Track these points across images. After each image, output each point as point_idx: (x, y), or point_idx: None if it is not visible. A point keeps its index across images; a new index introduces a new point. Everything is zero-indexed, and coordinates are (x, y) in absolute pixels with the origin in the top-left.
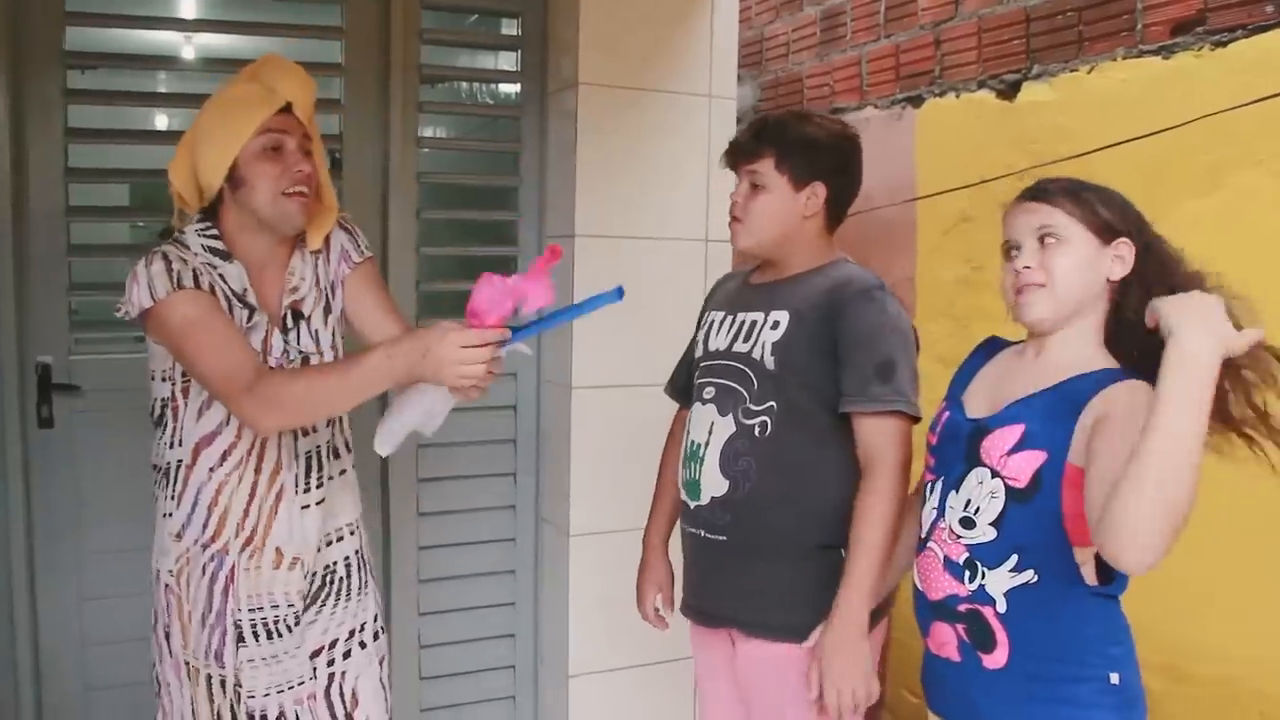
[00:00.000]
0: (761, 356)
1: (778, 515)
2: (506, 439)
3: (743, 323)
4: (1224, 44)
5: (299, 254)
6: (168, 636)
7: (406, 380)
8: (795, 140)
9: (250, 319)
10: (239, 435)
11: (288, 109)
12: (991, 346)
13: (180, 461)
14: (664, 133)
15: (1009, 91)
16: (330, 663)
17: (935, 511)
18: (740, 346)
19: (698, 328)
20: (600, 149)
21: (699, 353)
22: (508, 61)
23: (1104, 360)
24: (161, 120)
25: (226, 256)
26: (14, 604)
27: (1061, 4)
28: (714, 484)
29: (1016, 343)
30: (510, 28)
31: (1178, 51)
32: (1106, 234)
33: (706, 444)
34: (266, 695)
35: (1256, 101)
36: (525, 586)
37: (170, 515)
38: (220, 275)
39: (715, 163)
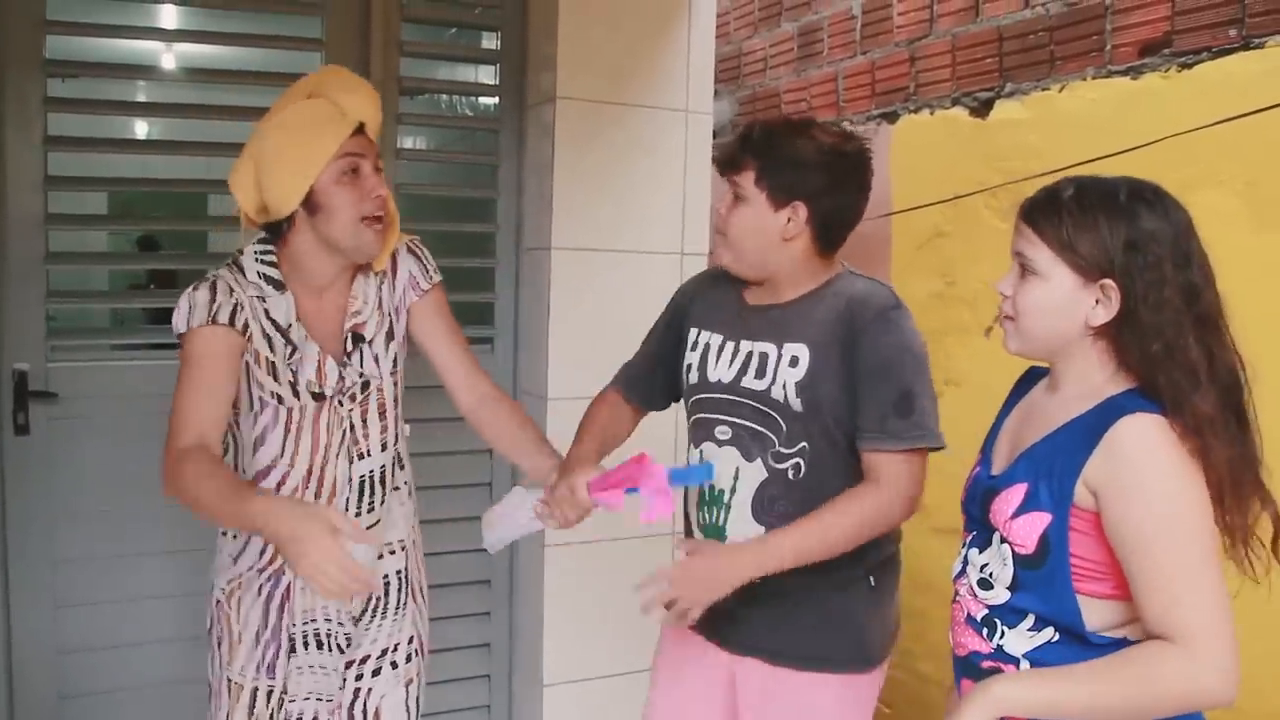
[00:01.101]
0: (785, 398)
1: None
2: (482, 449)
3: (749, 354)
4: (1190, 66)
5: (362, 276)
6: (219, 645)
7: (272, 541)
8: (779, 155)
9: (293, 354)
10: (293, 464)
11: (360, 129)
12: (1028, 381)
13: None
14: (641, 147)
15: (982, 109)
16: (359, 677)
17: (960, 567)
18: (755, 384)
19: (682, 341)
20: (578, 163)
21: (694, 379)
22: (487, 75)
23: (1114, 386)
24: (141, 129)
25: (280, 286)
26: None
27: (1033, 24)
28: (744, 530)
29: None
30: (490, 42)
31: (1146, 72)
32: (1089, 273)
33: (733, 490)
34: (306, 700)
35: (1221, 122)
36: (500, 596)
37: (232, 537)
38: (266, 307)
39: (692, 177)
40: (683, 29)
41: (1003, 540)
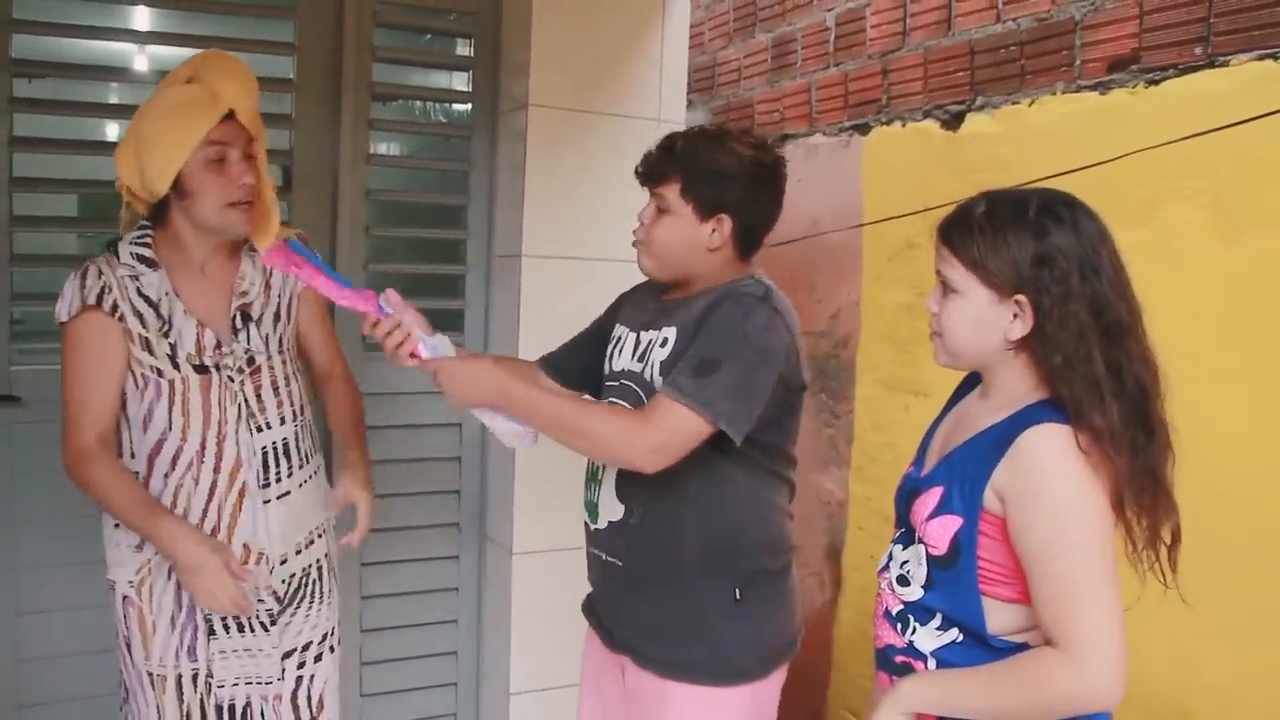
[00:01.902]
0: (651, 376)
1: (669, 543)
2: (451, 456)
3: (641, 342)
4: (1157, 82)
5: (249, 260)
6: (129, 648)
7: (168, 560)
8: (703, 168)
9: (168, 329)
10: (184, 438)
11: (230, 115)
12: (968, 385)
13: (136, 474)
14: (612, 155)
15: (953, 122)
16: (300, 665)
17: (884, 561)
18: (634, 366)
19: (606, 337)
20: (549, 170)
21: (604, 369)
22: (460, 81)
23: (1032, 398)
24: (111, 130)
25: (152, 264)
26: None
27: (1004, 38)
28: (610, 508)
29: None
30: (463, 48)
31: (1114, 88)
32: (1002, 289)
33: (604, 466)
34: (235, 685)
35: (1187, 138)
36: (468, 604)
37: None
38: (139, 285)
39: None
40: (656, 38)
41: (919, 540)
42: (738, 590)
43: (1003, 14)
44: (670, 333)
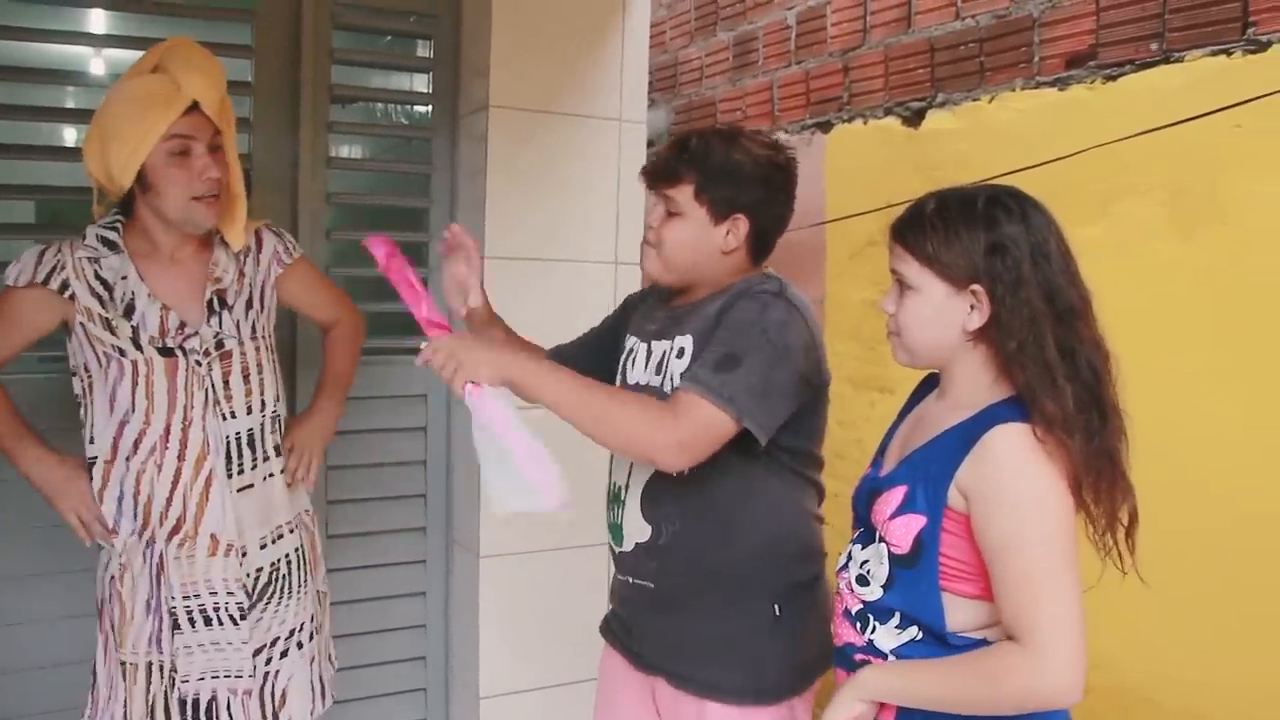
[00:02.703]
0: (671, 390)
1: (702, 562)
2: (417, 460)
3: (659, 354)
4: (1114, 78)
5: (223, 249)
6: (113, 628)
7: (38, 484)
8: (718, 168)
9: (127, 303)
10: (147, 422)
11: (194, 106)
12: (927, 386)
13: (99, 458)
14: (574, 156)
15: (914, 119)
16: (268, 660)
17: (844, 561)
18: (653, 380)
19: (618, 341)
20: (511, 171)
21: (618, 382)
22: (420, 83)
23: (998, 393)
24: (69, 135)
25: (114, 247)
26: None
27: (964, 35)
28: (637, 530)
29: None
30: (423, 50)
31: (1072, 84)
32: (958, 280)
33: (626, 487)
34: (201, 680)
35: (1143, 133)
36: (436, 608)
37: (106, 511)
38: (97, 268)
39: (625, 186)
40: (616, 38)
41: (881, 539)
42: (777, 607)
43: (962, 11)
44: (686, 341)
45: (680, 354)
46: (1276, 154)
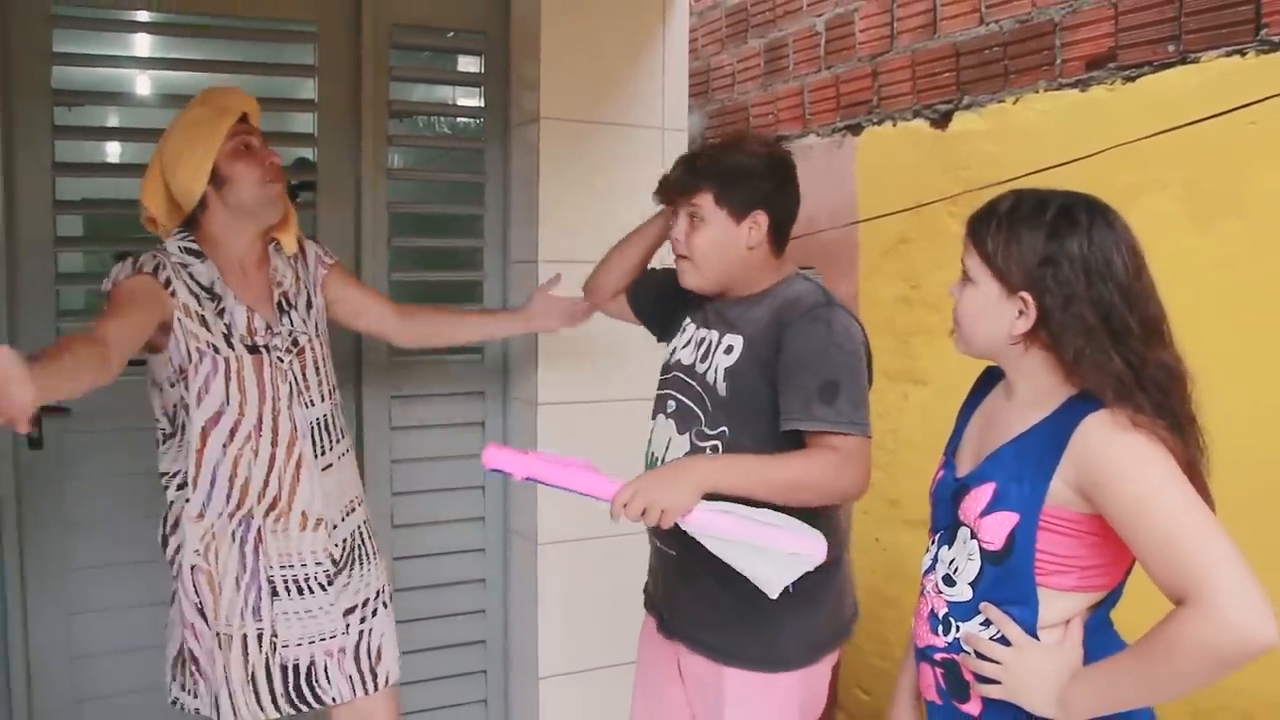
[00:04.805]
0: (714, 382)
1: None
2: (474, 454)
3: (703, 340)
4: (1133, 79)
5: (279, 256)
6: (201, 613)
7: None
8: (731, 172)
9: (219, 305)
10: (242, 412)
11: (243, 119)
12: (985, 383)
13: (191, 446)
14: (620, 163)
15: (941, 120)
16: (362, 619)
17: (929, 563)
18: (699, 365)
19: (676, 302)
20: (561, 179)
21: (667, 357)
22: (472, 97)
23: (1064, 392)
24: (136, 153)
25: (200, 255)
26: (7, 618)
27: (988, 40)
28: None
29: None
30: (475, 65)
31: (1093, 85)
32: (1009, 284)
33: (663, 459)
34: (299, 645)
35: (1162, 132)
36: (495, 594)
37: (189, 500)
38: (190, 273)
39: None
40: (657, 50)
41: (972, 536)
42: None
43: (986, 16)
44: (735, 341)
45: (728, 351)
46: None
